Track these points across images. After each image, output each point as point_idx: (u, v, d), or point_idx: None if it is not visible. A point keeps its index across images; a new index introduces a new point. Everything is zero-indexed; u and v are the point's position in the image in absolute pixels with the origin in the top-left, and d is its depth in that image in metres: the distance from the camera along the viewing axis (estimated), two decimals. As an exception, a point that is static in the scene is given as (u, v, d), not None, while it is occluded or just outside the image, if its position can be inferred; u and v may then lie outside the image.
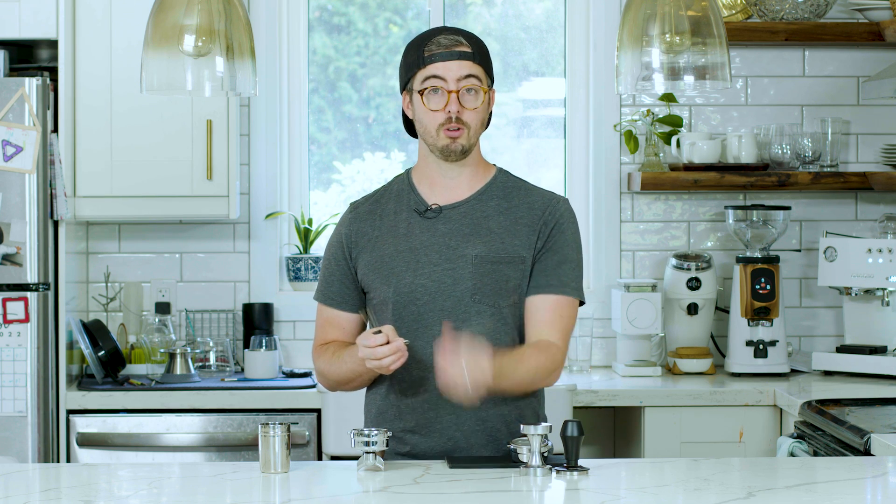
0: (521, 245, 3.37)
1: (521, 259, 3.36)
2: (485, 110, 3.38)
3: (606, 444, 5.33)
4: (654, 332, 5.17)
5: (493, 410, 3.36)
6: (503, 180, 3.45)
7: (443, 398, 3.31)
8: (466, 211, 3.40)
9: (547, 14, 5.54)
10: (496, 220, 3.39)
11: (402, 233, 3.40)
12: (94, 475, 3.22)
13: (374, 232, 3.43)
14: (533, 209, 3.41)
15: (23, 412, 4.72)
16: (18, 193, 4.71)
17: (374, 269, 3.40)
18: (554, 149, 5.53)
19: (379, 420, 3.44)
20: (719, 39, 3.31)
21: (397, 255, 3.38)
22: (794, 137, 5.32)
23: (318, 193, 5.54)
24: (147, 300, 5.35)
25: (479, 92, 3.34)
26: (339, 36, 5.56)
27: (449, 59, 3.33)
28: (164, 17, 3.26)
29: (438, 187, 3.42)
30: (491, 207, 3.40)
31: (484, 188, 3.43)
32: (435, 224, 3.39)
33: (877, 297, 5.05)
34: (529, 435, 3.08)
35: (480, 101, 3.35)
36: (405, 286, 3.35)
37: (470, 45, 3.35)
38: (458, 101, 3.33)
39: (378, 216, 3.45)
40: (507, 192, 3.43)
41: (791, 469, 3.29)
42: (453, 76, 3.33)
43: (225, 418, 4.81)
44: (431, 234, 3.38)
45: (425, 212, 3.41)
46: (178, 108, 5.00)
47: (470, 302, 3.34)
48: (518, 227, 3.38)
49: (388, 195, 3.47)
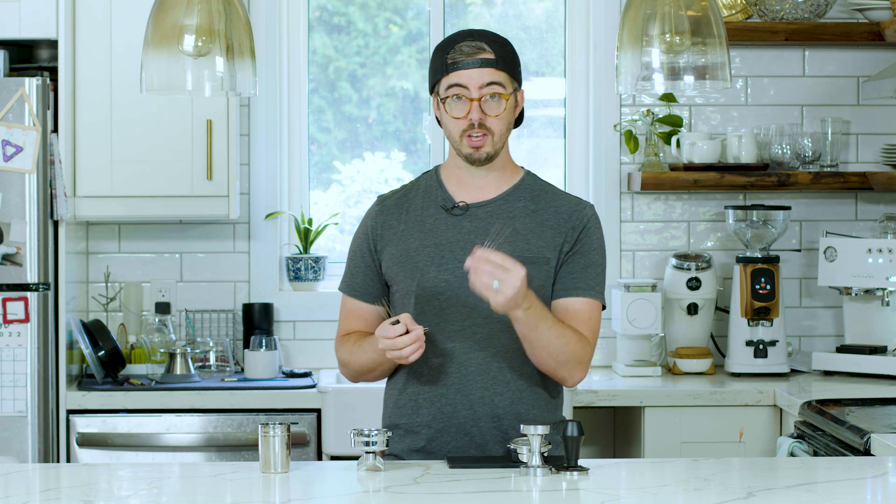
0: (546, 247, 3.38)
1: (545, 260, 3.38)
2: (510, 114, 3.38)
3: (606, 444, 5.33)
4: (654, 332, 5.17)
5: (509, 409, 3.37)
6: (530, 183, 3.47)
7: (461, 394, 3.34)
8: (493, 210, 3.41)
9: (547, 14, 5.54)
10: (522, 221, 3.40)
11: (429, 228, 3.41)
12: (94, 475, 3.22)
13: (399, 225, 3.44)
14: (559, 213, 3.42)
15: (23, 412, 4.72)
16: (18, 193, 4.71)
17: (399, 262, 3.41)
18: (554, 149, 5.53)
19: (396, 413, 3.44)
20: (719, 39, 3.31)
21: (422, 249, 3.40)
22: (794, 137, 5.32)
23: (318, 193, 5.54)
24: (147, 300, 5.35)
25: (501, 98, 3.35)
26: (339, 36, 5.56)
27: (471, 66, 3.34)
28: (164, 17, 3.26)
29: (466, 186, 3.44)
30: (518, 209, 3.42)
31: (511, 189, 3.44)
32: (461, 221, 3.41)
33: (877, 297, 5.05)
34: (529, 435, 3.08)
35: (503, 108, 3.35)
36: (429, 280, 3.36)
37: (493, 50, 3.35)
38: (479, 109, 3.34)
39: (405, 210, 3.46)
40: (535, 194, 3.45)
41: (791, 469, 3.29)
42: (475, 84, 3.34)
43: (225, 418, 4.81)
44: (457, 231, 3.39)
45: (452, 208, 3.42)
46: (178, 108, 5.00)
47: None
48: (543, 230, 3.39)
49: (415, 190, 3.49)
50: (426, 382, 3.39)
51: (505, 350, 3.37)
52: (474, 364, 3.36)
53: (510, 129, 3.42)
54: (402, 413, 3.43)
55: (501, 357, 3.37)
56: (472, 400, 3.37)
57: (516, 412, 3.37)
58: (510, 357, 3.38)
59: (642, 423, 4.82)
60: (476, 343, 3.36)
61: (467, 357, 3.37)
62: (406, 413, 3.42)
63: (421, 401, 3.40)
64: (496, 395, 3.37)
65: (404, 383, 3.43)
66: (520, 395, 3.39)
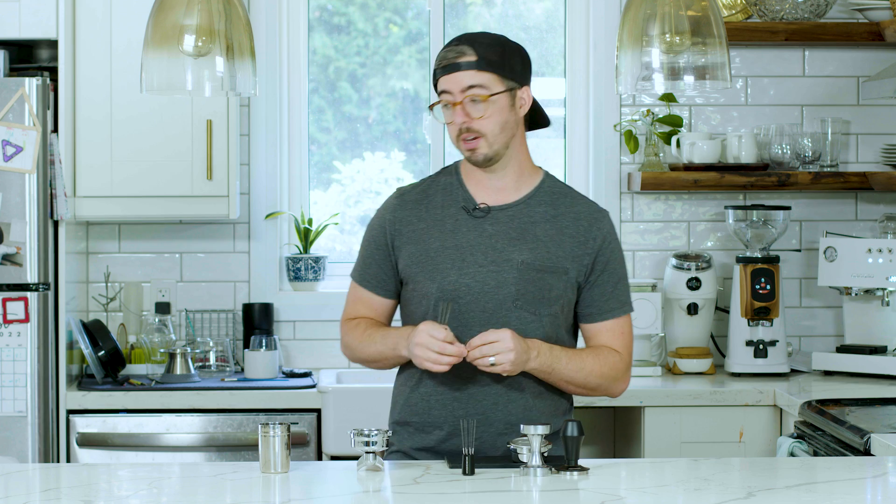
0: (565, 256, 3.39)
1: (564, 270, 3.38)
2: (502, 114, 3.36)
3: (606, 444, 5.33)
4: (654, 332, 5.17)
5: (521, 416, 3.37)
6: (550, 185, 3.47)
7: (474, 399, 3.37)
8: (514, 214, 3.41)
9: (547, 14, 5.54)
10: (542, 226, 3.40)
11: (449, 229, 3.41)
12: (94, 475, 3.22)
13: (419, 223, 3.43)
14: (578, 220, 3.42)
15: (23, 412, 4.72)
16: (18, 193, 4.71)
17: (418, 262, 3.40)
18: (554, 149, 5.53)
19: (406, 411, 3.44)
20: (719, 39, 3.31)
21: (443, 251, 3.39)
22: (794, 137, 5.32)
23: (318, 193, 5.54)
24: (147, 300, 5.35)
25: (486, 100, 3.33)
26: (339, 36, 5.56)
27: (450, 71, 3.35)
28: (164, 17, 3.26)
29: (485, 187, 3.43)
30: (538, 213, 3.42)
31: (532, 193, 3.44)
32: (482, 224, 3.40)
33: (877, 297, 5.05)
34: (529, 435, 3.08)
35: (489, 109, 3.34)
36: (449, 284, 3.36)
37: (476, 52, 3.34)
38: (462, 113, 3.34)
39: (425, 207, 3.45)
40: (554, 198, 3.45)
41: (791, 469, 3.29)
42: (457, 88, 3.35)
43: (225, 418, 4.81)
44: (478, 234, 3.39)
45: (473, 210, 3.41)
46: (178, 108, 5.00)
47: (511, 307, 3.35)
48: (563, 238, 3.40)
49: (435, 187, 3.47)
50: (440, 384, 3.39)
51: None
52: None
53: (512, 129, 3.39)
54: (414, 411, 3.43)
55: None
56: (485, 406, 3.37)
57: (529, 420, 3.37)
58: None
59: (642, 423, 4.82)
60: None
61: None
62: (417, 412, 3.42)
63: (433, 402, 3.40)
64: (510, 402, 3.38)
65: (417, 381, 3.43)
66: (533, 403, 3.40)
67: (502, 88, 3.36)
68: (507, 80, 3.37)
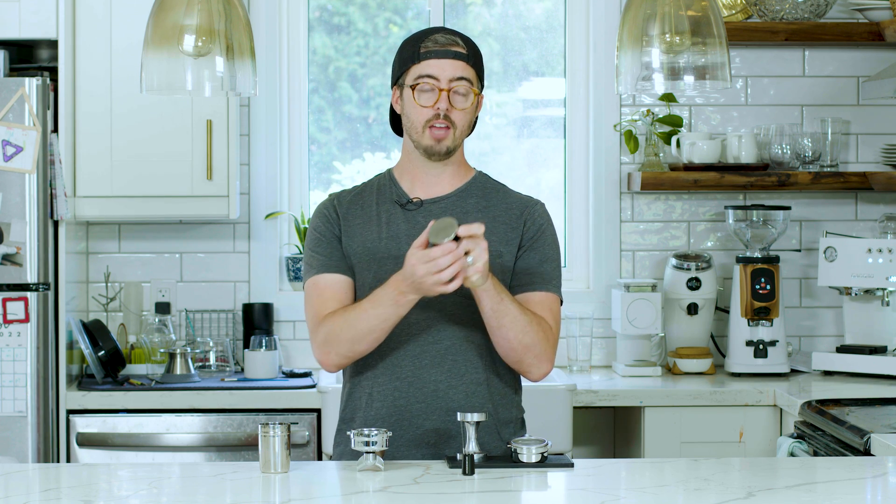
0: (499, 241, 3.40)
1: (498, 254, 3.39)
2: (472, 113, 3.42)
3: (606, 444, 5.33)
4: (654, 332, 5.17)
5: (463, 402, 3.35)
6: (482, 181, 3.51)
7: (414, 387, 3.35)
8: (447, 206, 3.43)
9: (547, 14, 5.54)
10: (475, 216, 3.42)
11: (384, 222, 3.43)
12: (94, 475, 3.22)
13: (355, 220, 3.45)
14: (510, 209, 3.45)
15: (23, 412, 4.72)
16: (18, 193, 4.71)
17: (356, 253, 3.42)
18: (554, 149, 5.53)
19: (349, 407, 3.44)
20: (719, 39, 3.32)
21: (380, 241, 3.41)
22: (794, 137, 5.32)
23: (318, 193, 5.54)
24: (147, 300, 5.35)
25: (469, 94, 3.37)
26: (339, 36, 5.56)
27: (444, 57, 3.36)
28: (164, 17, 3.26)
29: (420, 183, 3.46)
30: (470, 205, 3.44)
31: (464, 186, 3.47)
32: (416, 216, 3.43)
33: (877, 297, 5.05)
34: (465, 423, 3.09)
35: (469, 103, 3.38)
36: (386, 273, 3.35)
37: (466, 47, 3.39)
38: (448, 100, 3.35)
39: (360, 206, 3.47)
40: (486, 192, 3.48)
41: (791, 469, 3.29)
42: (447, 76, 3.36)
43: (225, 418, 4.81)
44: (412, 226, 3.41)
45: (406, 204, 3.44)
46: (178, 108, 5.00)
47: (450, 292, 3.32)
48: (496, 225, 3.42)
49: (368, 189, 3.51)
50: (380, 375, 3.39)
51: (461, 343, 3.37)
52: (429, 357, 3.36)
53: (470, 128, 3.44)
54: (357, 407, 3.42)
55: (457, 350, 3.37)
56: (425, 393, 3.36)
57: (471, 406, 3.36)
58: (466, 350, 3.37)
59: (642, 423, 4.82)
60: (431, 335, 3.36)
61: (422, 349, 3.36)
62: (360, 407, 3.41)
63: (375, 394, 3.39)
64: (451, 389, 3.36)
65: (358, 377, 3.42)
66: (475, 389, 3.38)
67: (479, 88, 3.42)
68: (480, 81, 3.44)
